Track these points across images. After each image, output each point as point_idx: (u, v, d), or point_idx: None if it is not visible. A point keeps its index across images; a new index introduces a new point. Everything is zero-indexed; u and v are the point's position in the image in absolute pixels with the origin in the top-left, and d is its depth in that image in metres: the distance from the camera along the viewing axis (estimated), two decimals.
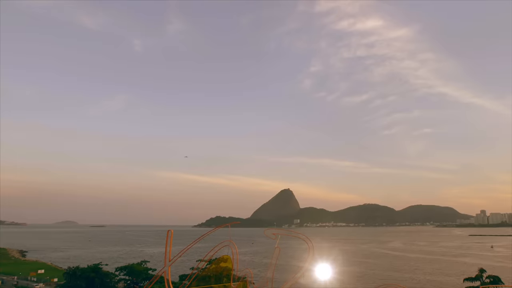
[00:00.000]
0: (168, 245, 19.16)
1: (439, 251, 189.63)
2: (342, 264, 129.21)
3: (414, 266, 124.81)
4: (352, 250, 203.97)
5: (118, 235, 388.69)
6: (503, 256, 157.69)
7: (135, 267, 43.92)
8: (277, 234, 18.81)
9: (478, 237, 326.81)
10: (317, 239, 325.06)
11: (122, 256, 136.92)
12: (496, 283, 44.77)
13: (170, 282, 19.52)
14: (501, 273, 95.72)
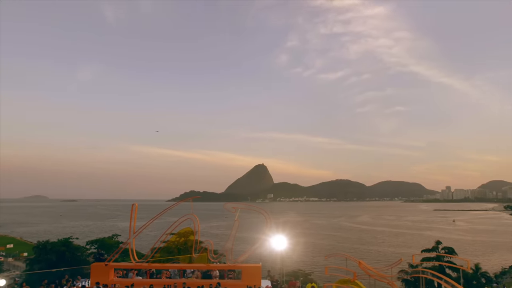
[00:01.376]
0: (132, 218, 19.82)
1: (404, 225, 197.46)
2: (312, 237, 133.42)
3: (381, 239, 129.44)
4: (323, 224, 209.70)
5: (90, 209, 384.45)
6: (462, 230, 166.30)
7: (106, 240, 44.21)
8: (237, 208, 19.77)
9: (442, 212, 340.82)
10: (290, 214, 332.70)
11: (94, 230, 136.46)
12: (450, 253, 47.30)
13: (134, 253, 20.28)
14: (458, 245, 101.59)
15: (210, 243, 20.11)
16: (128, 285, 18.51)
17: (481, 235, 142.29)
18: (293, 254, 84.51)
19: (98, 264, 20.59)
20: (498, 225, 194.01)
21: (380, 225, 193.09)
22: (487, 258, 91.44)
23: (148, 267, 20.59)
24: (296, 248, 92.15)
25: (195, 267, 20.85)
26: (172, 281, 19.24)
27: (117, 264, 21.51)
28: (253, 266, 19.85)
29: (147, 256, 20.58)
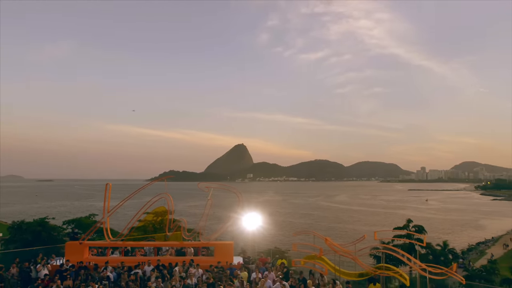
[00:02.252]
0: (106, 197, 19.99)
1: (380, 204, 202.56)
2: (289, 216, 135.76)
3: (357, 218, 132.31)
4: (301, 203, 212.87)
5: (67, 189, 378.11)
6: (434, 209, 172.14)
7: (83, 220, 43.92)
8: (210, 187, 20.18)
9: (416, 192, 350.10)
10: (269, 193, 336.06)
11: (70, 210, 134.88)
12: (420, 232, 48.76)
13: (109, 231, 20.54)
14: (430, 223, 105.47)
15: (184, 222, 20.58)
16: (103, 263, 18.81)
17: (451, 213, 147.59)
18: (268, 232, 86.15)
19: (73, 242, 20.77)
20: (468, 204, 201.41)
21: (356, 205, 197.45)
22: (456, 235, 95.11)
23: (123, 245, 20.92)
24: (272, 226, 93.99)
25: (169, 245, 21.32)
26: (146, 258, 19.66)
27: (91, 242, 21.76)
28: (226, 244, 20.48)
29: (121, 234, 20.88)
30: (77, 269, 18.05)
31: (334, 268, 16.14)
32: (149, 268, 18.22)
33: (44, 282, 16.58)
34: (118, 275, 17.55)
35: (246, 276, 17.46)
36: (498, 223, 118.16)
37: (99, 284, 15.98)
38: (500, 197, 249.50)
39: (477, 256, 69.00)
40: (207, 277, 16.97)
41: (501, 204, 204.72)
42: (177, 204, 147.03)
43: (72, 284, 16.25)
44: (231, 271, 17.82)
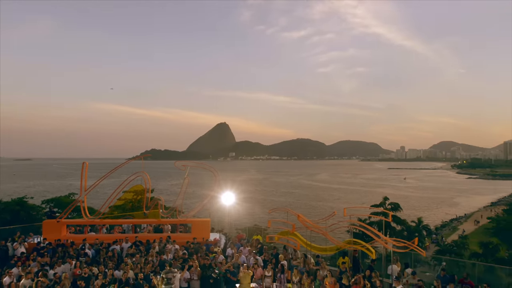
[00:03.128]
0: (83, 176, 20.02)
1: (360, 182, 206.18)
2: (270, 195, 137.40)
3: (336, 196, 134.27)
4: (282, 181, 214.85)
5: (46, 168, 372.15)
6: (412, 187, 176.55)
7: (62, 199, 43.47)
8: (186, 165, 20.40)
9: (395, 170, 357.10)
10: (251, 172, 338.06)
11: (49, 189, 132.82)
12: (395, 209, 49.98)
13: (86, 210, 20.65)
14: (405, 201, 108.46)
15: (161, 199, 20.85)
16: (81, 240, 18.99)
17: (428, 191, 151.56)
18: (248, 210, 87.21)
19: (50, 221, 20.80)
20: (444, 182, 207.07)
21: (336, 183, 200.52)
22: (431, 212, 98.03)
23: (101, 223, 21.12)
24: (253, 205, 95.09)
25: (147, 222, 21.64)
26: (124, 235, 19.95)
27: (69, 220, 21.85)
28: (202, 221, 20.91)
29: (99, 212, 21.03)
30: (54, 247, 18.20)
31: (306, 243, 16.75)
32: (127, 245, 18.53)
33: (21, 259, 16.70)
34: (96, 252, 17.80)
35: (220, 250, 17.97)
36: (471, 200, 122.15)
37: (77, 260, 16.19)
38: (475, 175, 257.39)
39: (450, 232, 71.44)
40: (183, 252, 17.42)
41: (475, 182, 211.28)
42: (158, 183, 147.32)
43: (50, 261, 16.40)
44: (207, 247, 18.31)
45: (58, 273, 14.61)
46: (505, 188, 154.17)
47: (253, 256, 16.64)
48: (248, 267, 15.11)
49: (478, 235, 61.70)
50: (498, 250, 44.20)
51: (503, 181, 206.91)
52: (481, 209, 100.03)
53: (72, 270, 15.37)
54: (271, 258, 16.24)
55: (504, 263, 28.42)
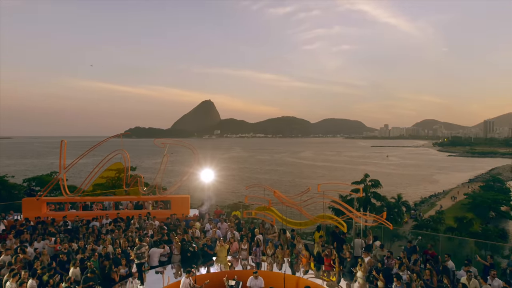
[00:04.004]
0: (62, 154, 20.00)
1: (343, 160, 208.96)
2: (254, 172, 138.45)
3: (320, 174, 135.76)
4: (267, 159, 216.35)
5: (27, 147, 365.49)
6: (394, 164, 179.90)
7: (44, 178, 43.13)
8: (166, 143, 20.57)
9: (378, 148, 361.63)
10: (236, 149, 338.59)
11: (31, 169, 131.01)
12: (375, 186, 50.92)
13: (66, 187, 20.73)
14: (387, 178, 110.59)
15: (141, 177, 21.05)
16: (61, 217, 19.14)
17: (409, 169, 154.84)
18: (231, 187, 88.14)
19: (30, 198, 20.81)
20: (425, 160, 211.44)
21: (320, 160, 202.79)
22: (411, 189, 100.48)
23: (81, 200, 21.22)
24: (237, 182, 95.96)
25: (127, 199, 21.85)
26: (104, 212, 20.18)
27: (49, 198, 21.89)
28: (182, 197, 21.24)
29: (79, 189, 21.13)
30: (34, 224, 18.34)
31: (281, 218, 17.29)
32: (107, 221, 18.79)
33: (0, 236, 16.82)
34: (76, 228, 18.01)
35: (199, 226, 18.40)
36: (450, 177, 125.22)
37: (57, 237, 16.40)
38: (455, 153, 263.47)
39: (428, 207, 73.47)
40: (162, 227, 17.80)
41: (455, 159, 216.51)
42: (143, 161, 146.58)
43: (30, 238, 16.56)
44: (186, 223, 18.71)
45: (38, 249, 14.85)
46: (483, 166, 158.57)
47: (230, 231, 17.15)
48: (225, 241, 15.59)
49: (454, 211, 63.65)
50: (472, 224, 45.97)
51: (481, 158, 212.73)
52: (459, 185, 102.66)
53: (52, 246, 15.59)
54: (248, 233, 16.75)
55: (477, 237, 29.74)
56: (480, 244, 20.48)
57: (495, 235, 40.54)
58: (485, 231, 42.11)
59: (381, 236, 18.48)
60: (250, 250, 15.50)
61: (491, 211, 62.51)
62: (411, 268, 12.65)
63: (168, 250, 15.35)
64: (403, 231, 34.79)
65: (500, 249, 21.26)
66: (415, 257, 13.45)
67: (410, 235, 29.71)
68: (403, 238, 26.76)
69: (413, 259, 13.41)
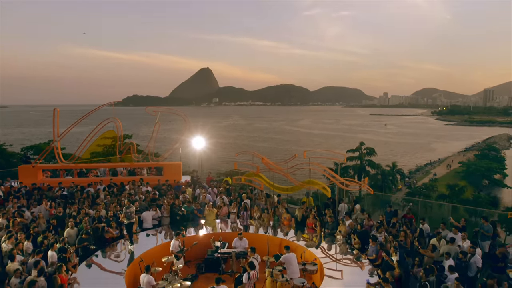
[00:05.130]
0: (55, 122, 20.32)
1: (341, 128, 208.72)
2: (252, 140, 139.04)
3: (317, 142, 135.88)
4: (265, 127, 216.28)
5: (23, 115, 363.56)
6: (391, 132, 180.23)
7: (41, 146, 43.44)
8: (157, 111, 20.88)
9: (377, 116, 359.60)
10: (234, 117, 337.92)
11: (28, 137, 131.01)
12: (370, 154, 51.43)
13: (60, 155, 21.19)
14: (384, 146, 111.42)
15: (133, 144, 21.50)
16: (57, 184, 19.68)
17: (406, 137, 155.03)
18: (226, 155, 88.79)
19: (25, 166, 21.33)
20: (423, 128, 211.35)
21: (318, 129, 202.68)
22: (407, 157, 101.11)
23: (75, 167, 21.73)
24: (234, 149, 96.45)
25: (120, 166, 22.39)
26: (99, 179, 20.77)
27: (44, 165, 22.39)
28: (174, 164, 21.80)
29: (74, 157, 21.60)
30: (30, 190, 18.91)
31: (269, 184, 17.87)
32: (101, 187, 19.37)
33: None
34: (71, 194, 18.60)
35: (190, 191, 19.03)
36: (447, 146, 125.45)
37: (52, 201, 16.98)
38: (453, 122, 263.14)
39: (423, 175, 74.22)
40: (154, 193, 18.43)
41: (453, 128, 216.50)
42: (140, 129, 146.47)
43: (26, 203, 17.14)
44: (178, 188, 19.34)
45: (35, 213, 15.47)
46: (480, 135, 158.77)
47: (220, 196, 17.78)
48: (214, 206, 16.22)
49: (448, 179, 64.29)
50: (464, 192, 46.76)
51: (479, 127, 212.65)
52: (455, 154, 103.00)
53: (48, 210, 16.19)
54: (236, 198, 17.40)
55: (468, 204, 30.39)
56: (470, 211, 21.13)
57: (485, 202, 41.15)
58: (476, 198, 42.71)
59: (376, 204, 19.12)
60: (239, 214, 16.16)
61: (484, 179, 63.31)
62: (389, 231, 13.30)
63: (159, 213, 15.99)
64: (396, 198, 35.66)
65: (490, 215, 21.83)
66: (395, 220, 14.13)
67: (403, 202, 30.51)
68: (396, 204, 27.51)
69: (392, 223, 14.09)
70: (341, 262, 12.04)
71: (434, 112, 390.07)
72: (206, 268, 13.61)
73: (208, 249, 13.86)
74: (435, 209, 23.67)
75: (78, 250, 12.77)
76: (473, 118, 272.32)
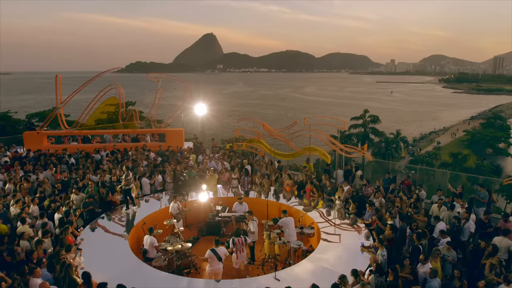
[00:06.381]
0: (58, 88, 20.40)
1: (346, 95, 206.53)
2: (256, 107, 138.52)
3: (321, 109, 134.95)
4: (270, 94, 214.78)
5: (27, 82, 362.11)
6: (397, 100, 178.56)
7: (46, 113, 43.75)
8: (159, 77, 20.86)
9: (383, 84, 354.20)
10: (239, 84, 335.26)
11: (32, 105, 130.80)
12: (374, 121, 51.17)
13: (64, 121, 21.40)
14: (389, 114, 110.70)
15: (136, 111, 21.64)
16: (61, 150, 19.98)
17: (412, 105, 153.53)
18: (226, 121, 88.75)
19: (30, 132, 21.60)
20: (429, 96, 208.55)
21: (323, 96, 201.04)
22: (412, 125, 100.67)
23: (79, 134, 21.98)
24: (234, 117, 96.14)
25: (123, 132, 22.65)
26: (103, 145, 21.06)
27: (48, 132, 22.65)
28: (176, 130, 22.01)
29: (77, 123, 21.78)
30: (36, 156, 19.24)
31: (269, 150, 18.06)
32: (105, 153, 19.68)
33: (4, 167, 17.78)
34: (76, 160, 18.92)
35: (195, 158, 19.32)
36: (452, 114, 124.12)
37: (58, 167, 17.33)
38: (460, 90, 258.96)
39: (427, 143, 74.15)
40: (155, 158, 18.74)
41: (460, 96, 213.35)
42: (145, 96, 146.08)
43: (32, 168, 17.49)
44: (180, 154, 19.63)
45: (40, 178, 15.84)
46: (487, 103, 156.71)
47: (221, 162, 18.05)
48: (215, 171, 16.51)
49: (452, 147, 64.15)
50: (466, 160, 46.74)
51: (486, 95, 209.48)
52: (460, 122, 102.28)
53: (53, 175, 16.56)
54: (238, 163, 17.67)
55: (470, 172, 30.49)
56: (472, 179, 21.28)
57: (488, 171, 41.12)
58: (479, 167, 42.59)
59: (379, 171, 19.29)
60: (239, 179, 16.46)
61: (488, 148, 63.07)
62: (386, 197, 13.57)
63: (160, 179, 16.35)
64: (399, 166, 35.82)
65: (491, 183, 21.99)
66: (393, 186, 14.37)
67: (405, 169, 30.70)
68: (399, 172, 27.74)
69: (391, 189, 14.34)
70: (339, 227, 12.37)
71: (441, 80, 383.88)
72: (207, 231, 14.10)
73: (209, 213, 14.29)
74: (437, 177, 23.79)
75: (83, 214, 13.20)
76: (481, 86, 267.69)
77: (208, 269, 9.94)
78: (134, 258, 10.53)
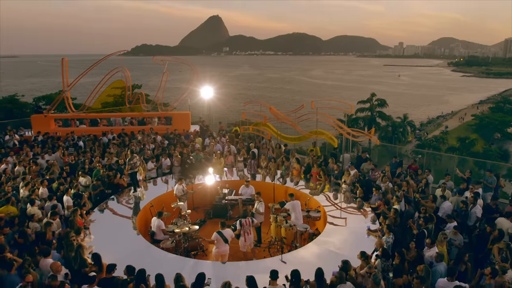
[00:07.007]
0: (64, 71, 20.40)
1: (353, 79, 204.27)
2: (262, 90, 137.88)
3: (328, 93, 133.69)
4: (276, 77, 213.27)
5: (33, 65, 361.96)
6: (404, 84, 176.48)
7: (53, 96, 43.87)
8: (165, 60, 20.77)
9: (391, 67, 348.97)
10: (245, 67, 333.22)
11: (39, 88, 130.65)
12: (382, 105, 50.79)
13: (71, 104, 21.47)
14: (396, 97, 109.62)
15: (142, 94, 21.62)
16: (69, 133, 20.10)
17: (420, 89, 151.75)
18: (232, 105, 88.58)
19: (38, 115, 21.73)
20: (437, 80, 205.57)
21: (330, 79, 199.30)
22: (419, 109, 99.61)
23: (86, 117, 22.09)
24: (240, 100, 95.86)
25: (130, 115, 22.71)
26: (110, 128, 21.15)
27: (56, 115, 22.73)
28: (183, 113, 22.02)
29: (84, 106, 21.84)
30: (44, 139, 19.39)
31: (276, 133, 18.04)
32: (112, 136, 19.78)
33: (13, 150, 17.95)
34: (84, 143, 19.06)
35: (201, 141, 19.37)
36: (461, 98, 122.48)
37: (65, 150, 17.47)
38: (470, 73, 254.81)
39: (434, 128, 73.49)
40: (162, 141, 18.81)
41: (469, 80, 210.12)
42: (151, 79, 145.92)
43: (41, 151, 17.64)
44: (186, 137, 19.68)
45: (50, 161, 15.99)
46: (496, 87, 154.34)
47: (227, 145, 18.08)
48: (221, 154, 16.56)
49: (459, 131, 63.63)
50: (474, 144, 46.38)
51: (496, 79, 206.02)
52: (468, 106, 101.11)
53: (62, 158, 16.71)
54: (244, 147, 17.69)
55: (478, 157, 30.25)
56: (479, 163, 21.12)
57: (495, 155, 40.72)
58: (486, 151, 42.23)
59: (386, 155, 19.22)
60: (246, 162, 16.49)
61: (496, 133, 62.45)
62: (393, 181, 13.54)
63: (168, 162, 16.46)
64: (405, 150, 35.69)
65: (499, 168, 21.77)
66: (399, 170, 14.33)
67: (412, 154, 30.55)
68: (405, 156, 27.62)
69: (397, 173, 14.30)
70: (345, 210, 12.41)
71: (450, 63, 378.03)
72: (214, 214, 14.23)
73: (216, 196, 14.39)
74: (444, 161, 23.65)
75: (91, 196, 13.35)
76: (490, 70, 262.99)
77: (215, 251, 10.05)
78: (142, 240, 10.68)
